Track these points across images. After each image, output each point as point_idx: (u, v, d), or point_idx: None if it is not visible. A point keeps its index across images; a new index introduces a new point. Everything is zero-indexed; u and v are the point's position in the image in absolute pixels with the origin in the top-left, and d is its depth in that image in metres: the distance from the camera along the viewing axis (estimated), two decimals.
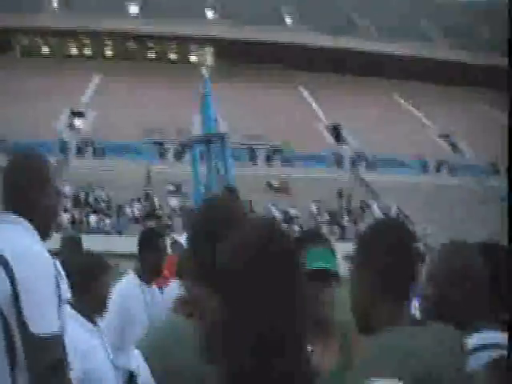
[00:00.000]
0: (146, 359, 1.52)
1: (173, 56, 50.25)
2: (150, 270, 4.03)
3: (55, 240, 3.03)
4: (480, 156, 37.90)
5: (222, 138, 13.39)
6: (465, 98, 47.16)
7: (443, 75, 49.18)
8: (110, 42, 48.68)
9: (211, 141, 13.30)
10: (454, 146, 40.50)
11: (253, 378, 0.96)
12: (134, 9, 47.94)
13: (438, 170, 37.45)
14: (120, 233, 26.27)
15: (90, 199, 28.03)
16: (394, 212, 31.41)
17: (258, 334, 0.96)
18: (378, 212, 31.98)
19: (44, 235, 1.94)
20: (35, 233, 1.88)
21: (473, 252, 1.92)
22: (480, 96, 48.24)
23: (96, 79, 43.20)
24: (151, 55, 49.74)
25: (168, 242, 5.16)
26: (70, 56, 47.92)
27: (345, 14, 51.85)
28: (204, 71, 15.62)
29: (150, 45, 49.11)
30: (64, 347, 1.76)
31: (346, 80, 47.85)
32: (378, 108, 42.41)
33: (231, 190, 6.10)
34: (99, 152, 33.13)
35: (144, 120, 34.42)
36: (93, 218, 26.74)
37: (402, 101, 46.87)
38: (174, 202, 28.21)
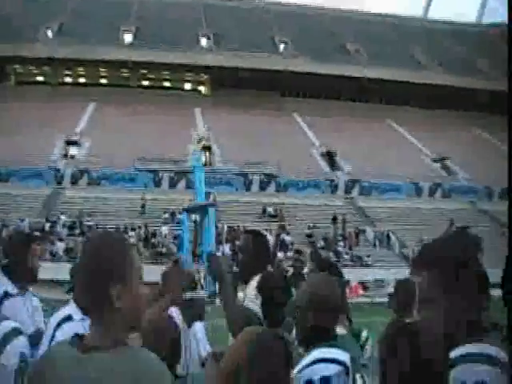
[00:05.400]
0: None
1: (167, 84, 50.55)
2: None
3: None
4: (474, 179, 38.02)
5: (207, 208, 14.86)
6: (458, 122, 47.53)
7: (436, 100, 49.62)
8: (104, 70, 48.97)
9: (200, 210, 14.97)
10: (447, 170, 40.63)
11: None
12: (128, 37, 48.38)
13: (432, 193, 37.53)
14: None
15: (84, 228, 27.90)
16: (387, 236, 31.41)
17: None
18: (372, 237, 31.96)
19: None
20: None
21: None
22: (473, 120, 48.67)
23: (90, 107, 43.36)
24: (145, 83, 50.04)
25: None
26: (65, 84, 48.18)
27: (337, 41, 52.46)
28: (193, 148, 16.79)
29: (144, 72, 49.40)
30: None
31: (340, 106, 48.18)
32: (371, 133, 42.63)
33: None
34: (93, 181, 33.10)
35: (138, 148, 34.45)
36: None
37: (396, 126, 47.15)
38: (164, 229, 28.21)
